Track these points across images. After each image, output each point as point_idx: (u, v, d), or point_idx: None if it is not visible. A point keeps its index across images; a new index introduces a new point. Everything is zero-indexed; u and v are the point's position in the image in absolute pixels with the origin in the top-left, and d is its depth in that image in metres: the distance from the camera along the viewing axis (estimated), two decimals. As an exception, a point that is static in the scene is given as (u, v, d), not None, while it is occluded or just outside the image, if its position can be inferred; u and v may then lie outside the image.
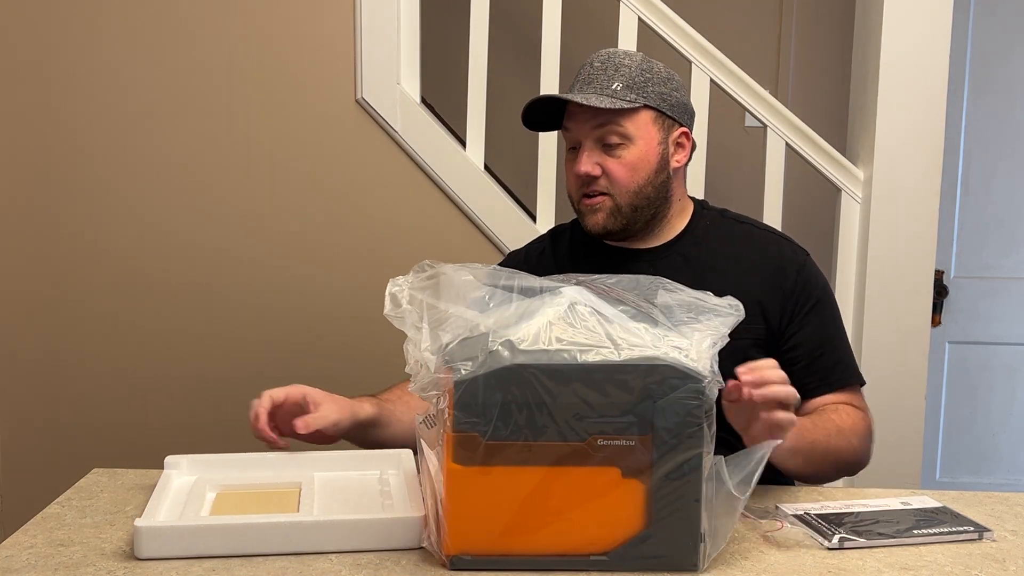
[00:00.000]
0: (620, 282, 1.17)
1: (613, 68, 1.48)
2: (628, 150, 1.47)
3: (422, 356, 1.05)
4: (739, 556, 1.11)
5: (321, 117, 2.33)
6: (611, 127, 1.46)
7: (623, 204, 1.49)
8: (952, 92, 2.83)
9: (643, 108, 1.47)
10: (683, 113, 1.52)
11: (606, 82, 1.46)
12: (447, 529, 1.05)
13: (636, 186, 1.48)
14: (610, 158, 1.48)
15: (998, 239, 3.11)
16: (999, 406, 3.18)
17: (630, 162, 1.48)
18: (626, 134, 1.46)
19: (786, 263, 1.53)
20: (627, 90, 1.46)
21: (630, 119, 1.46)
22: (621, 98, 1.45)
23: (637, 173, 1.48)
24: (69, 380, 2.40)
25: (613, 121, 1.46)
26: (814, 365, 1.50)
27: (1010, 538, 1.19)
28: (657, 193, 1.51)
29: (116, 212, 2.36)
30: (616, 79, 1.46)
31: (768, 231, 1.61)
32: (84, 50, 2.32)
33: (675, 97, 1.51)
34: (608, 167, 1.48)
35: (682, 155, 1.52)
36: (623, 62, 1.48)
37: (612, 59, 1.49)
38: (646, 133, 1.48)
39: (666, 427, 1.02)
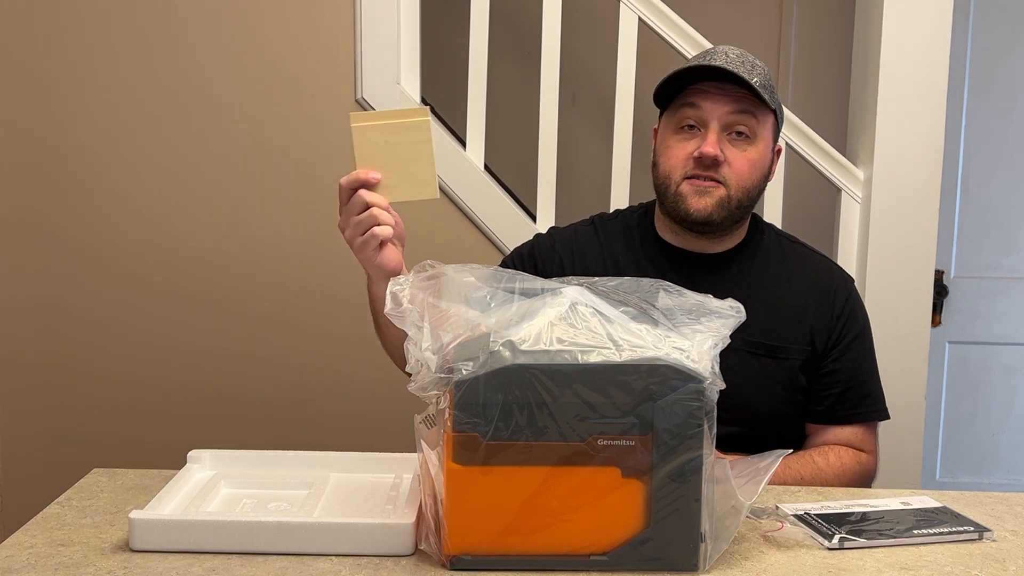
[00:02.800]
0: (621, 284, 1.17)
1: (750, 64, 1.45)
2: (753, 146, 1.46)
3: (423, 355, 1.05)
4: (739, 556, 1.11)
5: (321, 117, 2.33)
6: (747, 116, 1.44)
7: (734, 197, 1.46)
8: (952, 92, 2.83)
9: (772, 112, 1.48)
10: (780, 133, 1.55)
11: (748, 73, 1.43)
12: (447, 529, 1.05)
13: (750, 184, 1.47)
14: (735, 149, 1.46)
15: (998, 239, 3.11)
16: (999, 406, 3.18)
17: (752, 159, 1.47)
18: (755, 130, 1.46)
19: (836, 289, 1.55)
20: (763, 89, 1.44)
21: (763, 117, 1.46)
22: (765, 90, 1.45)
23: (754, 172, 1.47)
24: (69, 381, 2.40)
25: (750, 112, 1.44)
26: (846, 395, 1.53)
27: (1010, 538, 1.19)
28: (757, 197, 1.52)
29: (116, 213, 2.36)
30: (755, 74, 1.44)
31: (819, 254, 1.62)
32: (84, 50, 2.32)
33: (782, 115, 1.54)
34: (731, 157, 1.45)
35: (774, 167, 1.54)
36: (756, 61, 1.48)
37: (746, 56, 1.47)
38: (766, 135, 1.48)
39: (667, 428, 1.02)
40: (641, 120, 2.55)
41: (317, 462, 1.33)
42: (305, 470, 1.32)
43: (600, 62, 2.71)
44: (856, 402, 1.54)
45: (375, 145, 1.22)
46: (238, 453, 1.34)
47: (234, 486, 1.28)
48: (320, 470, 1.31)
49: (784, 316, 1.51)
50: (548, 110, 2.33)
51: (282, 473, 1.31)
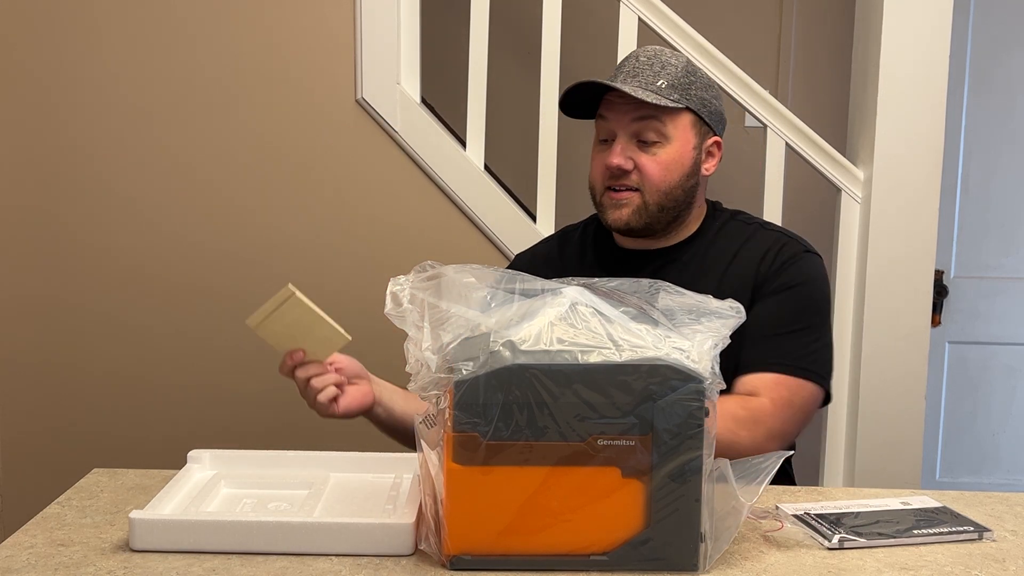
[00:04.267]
0: (621, 285, 1.17)
1: (660, 65, 1.47)
2: (664, 149, 1.47)
3: (423, 355, 1.05)
4: (739, 556, 1.11)
5: (321, 117, 2.33)
6: (651, 122, 1.46)
7: (650, 202, 1.49)
8: (952, 92, 2.83)
9: (685, 110, 1.47)
10: (719, 122, 1.53)
11: (652, 78, 1.46)
12: (447, 529, 1.05)
13: (667, 187, 1.48)
14: (644, 154, 1.47)
15: (998, 239, 3.11)
16: (999, 406, 3.18)
17: (664, 161, 1.47)
18: (664, 132, 1.46)
19: (774, 252, 1.51)
20: (671, 89, 1.45)
21: (671, 118, 1.46)
22: (666, 96, 1.45)
23: (669, 174, 1.48)
24: (69, 380, 2.40)
25: (654, 117, 1.45)
26: (758, 343, 1.43)
27: (1010, 538, 1.19)
28: (684, 197, 1.51)
29: (116, 213, 2.36)
30: (662, 76, 1.46)
31: (777, 231, 1.58)
32: (84, 50, 2.32)
33: (714, 105, 1.51)
34: (641, 163, 1.47)
35: (712, 163, 1.53)
36: (669, 60, 1.48)
37: (659, 56, 1.49)
38: (684, 135, 1.48)
39: (667, 428, 1.03)
40: (641, 120, 2.55)
41: (317, 462, 1.33)
42: (305, 470, 1.32)
43: (600, 62, 2.70)
44: (767, 351, 1.43)
45: (277, 332, 1.34)
46: (238, 453, 1.35)
47: (234, 486, 1.28)
48: (320, 470, 1.32)
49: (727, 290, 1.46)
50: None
51: (282, 473, 1.31)
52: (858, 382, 2.35)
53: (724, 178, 2.82)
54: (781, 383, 1.42)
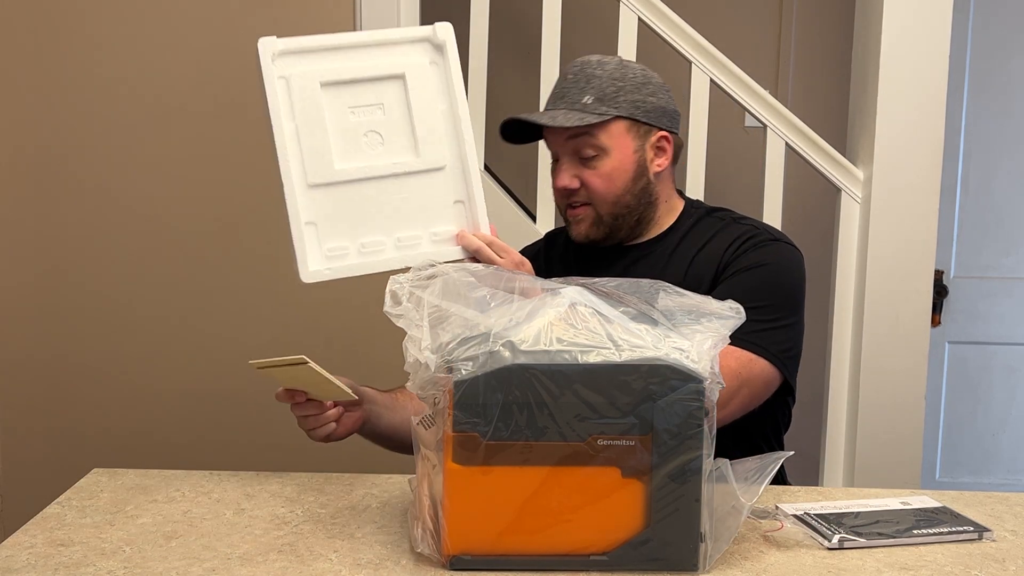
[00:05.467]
0: (621, 285, 1.17)
1: (585, 80, 1.48)
2: (603, 161, 1.48)
3: (422, 355, 1.05)
4: (739, 556, 1.11)
5: (321, 117, 2.33)
6: (584, 139, 1.47)
7: (604, 213, 1.52)
8: (952, 92, 2.83)
9: (614, 119, 1.47)
10: (661, 117, 1.51)
11: (577, 95, 1.48)
12: (447, 529, 1.05)
13: (614, 196, 1.50)
14: (587, 170, 1.49)
15: (998, 239, 3.11)
16: (999, 406, 3.18)
17: (606, 173, 1.49)
18: (600, 146, 1.47)
19: (741, 240, 1.50)
20: (598, 103, 1.46)
21: (602, 131, 1.47)
22: (592, 111, 1.46)
23: (614, 183, 1.49)
24: (69, 380, 2.40)
25: (586, 133, 1.47)
26: None
27: (1010, 538, 1.19)
28: (638, 200, 1.51)
29: (116, 213, 2.36)
30: (587, 91, 1.47)
31: (750, 224, 1.57)
32: (84, 50, 2.32)
33: (651, 102, 1.50)
34: (585, 178, 1.50)
35: (663, 159, 1.52)
36: (595, 72, 1.48)
37: (584, 70, 1.50)
38: (620, 143, 1.48)
39: (667, 428, 1.03)
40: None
41: None
42: None
43: (600, 62, 2.70)
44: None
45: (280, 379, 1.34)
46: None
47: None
48: None
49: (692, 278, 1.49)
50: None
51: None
52: (858, 382, 2.35)
53: (724, 178, 2.83)
54: (729, 353, 1.38)
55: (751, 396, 1.44)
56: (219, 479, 1.38)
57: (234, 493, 1.32)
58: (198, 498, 1.30)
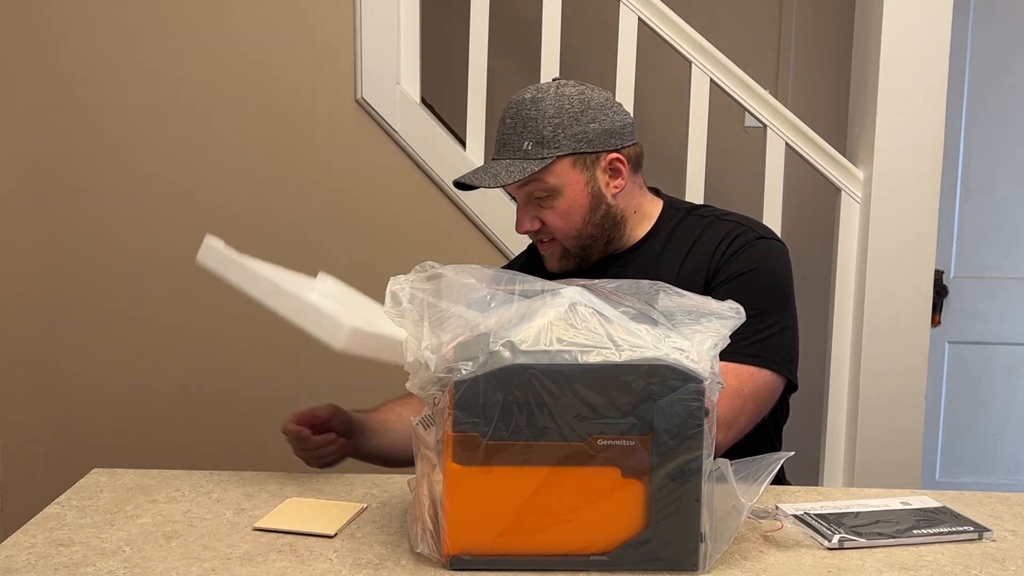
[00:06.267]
0: (620, 286, 1.17)
1: (522, 124, 1.46)
2: (558, 200, 1.47)
3: (422, 355, 1.05)
4: (739, 556, 1.11)
5: (321, 117, 2.33)
6: (533, 185, 1.46)
7: (569, 247, 1.52)
8: (952, 92, 2.83)
9: (557, 160, 1.45)
10: (607, 139, 1.47)
11: (517, 142, 1.46)
12: (447, 529, 1.05)
13: (575, 230, 1.49)
14: (544, 210, 1.49)
15: (998, 239, 3.11)
16: (999, 406, 3.18)
17: (562, 211, 1.48)
18: (550, 187, 1.46)
19: (726, 242, 1.49)
20: (538, 147, 1.44)
21: (548, 173, 1.45)
22: (533, 157, 1.44)
23: (572, 219, 1.49)
24: (69, 380, 2.40)
25: (533, 180, 1.46)
26: None
27: (1010, 538, 1.19)
28: (600, 228, 1.51)
29: (116, 213, 2.36)
30: (525, 137, 1.45)
31: (732, 220, 1.54)
32: (84, 50, 2.32)
33: (592, 129, 1.46)
34: (544, 218, 1.50)
35: (619, 180, 1.49)
36: (531, 114, 1.45)
37: (520, 112, 1.46)
38: (569, 180, 1.46)
39: (667, 428, 1.02)
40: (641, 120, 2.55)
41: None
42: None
43: (600, 62, 2.71)
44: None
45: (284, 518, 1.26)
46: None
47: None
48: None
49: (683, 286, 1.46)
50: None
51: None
52: (858, 382, 2.35)
53: (724, 178, 2.83)
54: (729, 371, 1.39)
55: (758, 409, 1.43)
56: (219, 479, 1.38)
57: (234, 493, 1.32)
58: (198, 498, 1.30)
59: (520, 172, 1.44)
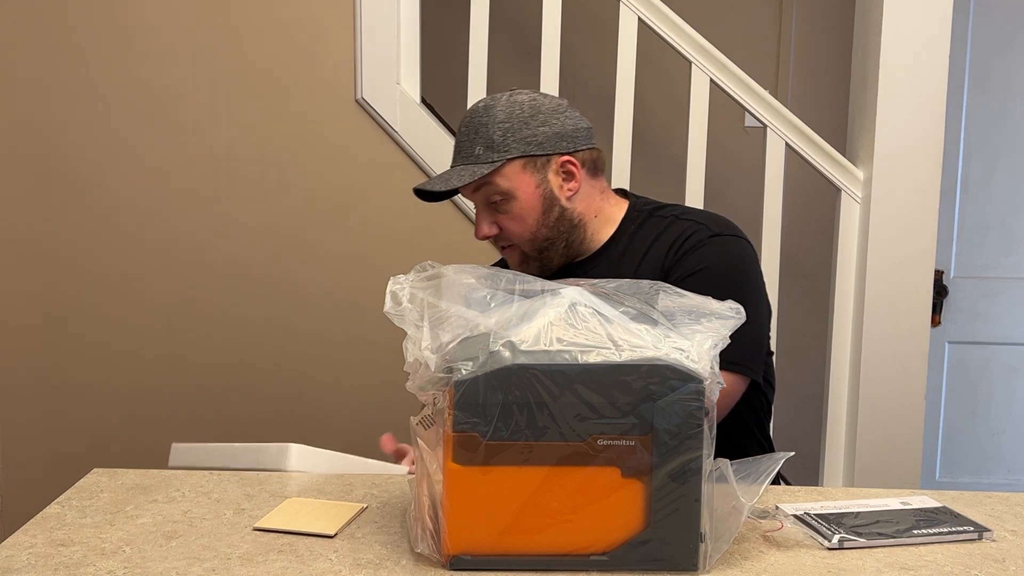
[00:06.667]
0: (620, 287, 1.17)
1: (474, 131, 1.48)
2: (511, 204, 1.49)
3: (422, 355, 1.05)
4: (739, 556, 1.11)
5: (321, 117, 2.34)
6: (486, 189, 1.48)
7: (527, 250, 1.53)
8: (952, 92, 2.83)
9: (507, 163, 1.46)
10: (558, 142, 1.48)
11: (469, 148, 1.49)
12: (447, 529, 1.05)
13: (530, 233, 1.50)
14: (500, 215, 1.50)
15: (998, 239, 3.11)
16: (999, 406, 3.18)
17: (516, 215, 1.49)
18: (502, 191, 1.47)
19: (679, 243, 1.48)
20: (488, 151, 1.46)
21: (499, 176, 1.47)
22: (484, 161, 1.46)
23: (526, 222, 1.50)
24: (69, 380, 2.40)
25: (487, 184, 1.47)
26: None
27: (1010, 538, 1.19)
28: (555, 230, 1.51)
29: (116, 213, 2.36)
30: (477, 143, 1.47)
31: (690, 219, 1.53)
32: (84, 50, 2.32)
33: (542, 132, 1.47)
34: (500, 223, 1.51)
35: (572, 182, 1.50)
36: (482, 121, 1.48)
37: (473, 120, 1.49)
38: (520, 183, 1.47)
39: (667, 428, 1.02)
40: (641, 120, 2.55)
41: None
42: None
43: (600, 62, 2.71)
44: None
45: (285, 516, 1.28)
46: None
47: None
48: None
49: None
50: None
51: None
52: (858, 382, 2.35)
53: (724, 178, 2.83)
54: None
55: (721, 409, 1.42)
56: (219, 479, 1.38)
57: (234, 493, 1.32)
58: (198, 498, 1.30)
59: (470, 175, 1.46)
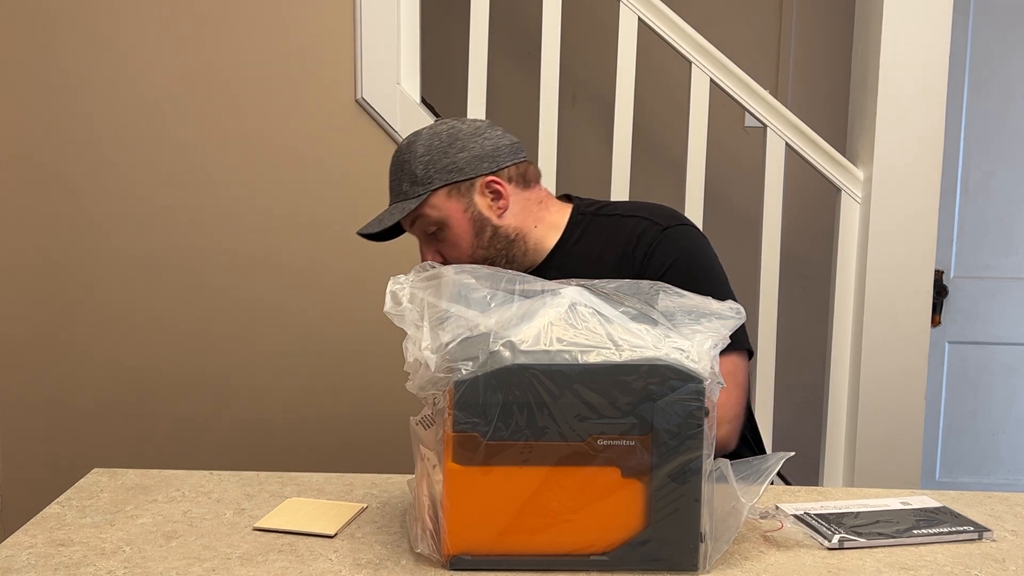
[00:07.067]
0: (620, 287, 1.17)
1: (399, 168, 1.52)
2: (447, 232, 1.51)
3: (422, 355, 1.05)
4: (739, 556, 1.11)
5: (321, 117, 2.33)
6: (420, 222, 1.51)
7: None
8: (952, 92, 2.83)
9: (431, 193, 1.49)
10: (479, 163, 1.50)
11: (398, 186, 1.52)
12: (447, 529, 1.05)
13: (467, 256, 1.52)
14: (439, 243, 1.53)
15: (998, 239, 3.11)
16: (999, 406, 3.18)
17: (453, 241, 1.52)
18: (435, 220, 1.50)
19: (635, 241, 1.50)
20: (414, 186, 1.49)
21: (428, 207, 1.49)
22: (411, 196, 1.50)
23: (461, 246, 1.52)
24: (69, 380, 2.40)
25: (418, 217, 1.50)
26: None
27: (1010, 538, 1.19)
28: (492, 248, 1.52)
29: (117, 212, 2.36)
30: (403, 180, 1.51)
31: (635, 216, 1.54)
32: (85, 50, 2.32)
33: (461, 158, 1.49)
34: (441, 251, 1.54)
35: (502, 200, 1.51)
36: (405, 158, 1.51)
37: (399, 158, 1.53)
38: (449, 210, 1.50)
39: (666, 428, 1.03)
40: (641, 120, 2.55)
41: None
42: None
43: (600, 62, 2.71)
44: None
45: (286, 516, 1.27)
46: None
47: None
48: None
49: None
50: (548, 110, 2.33)
51: None
52: (858, 382, 2.35)
53: (724, 178, 2.83)
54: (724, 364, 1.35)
55: (746, 393, 1.45)
56: (219, 479, 1.38)
57: (234, 493, 1.32)
58: (198, 498, 1.30)
59: (400, 212, 1.50)
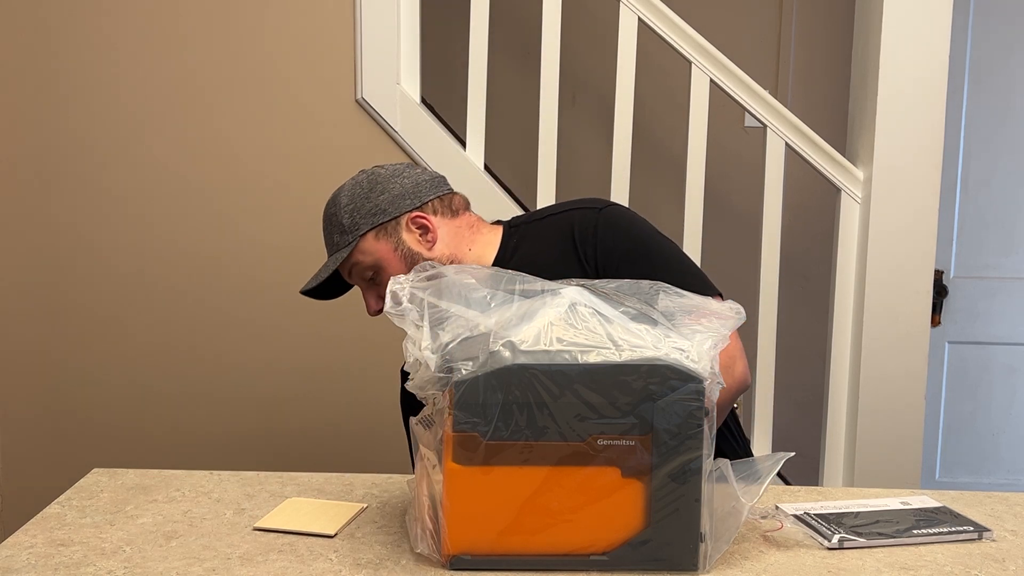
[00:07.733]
0: (620, 287, 1.17)
1: (328, 223, 1.56)
2: (382, 274, 1.52)
3: (422, 355, 1.05)
4: (739, 556, 1.11)
5: (321, 117, 2.33)
6: (356, 269, 1.53)
7: None
8: (952, 92, 2.83)
9: (359, 240, 1.51)
10: (400, 202, 1.52)
11: (330, 239, 1.56)
12: (447, 529, 1.05)
13: None
14: (379, 286, 1.54)
15: (998, 239, 3.11)
16: (999, 406, 3.18)
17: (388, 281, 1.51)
18: (369, 265, 1.52)
19: (573, 232, 1.50)
20: (343, 235, 1.53)
21: (359, 253, 1.52)
22: (341, 246, 1.53)
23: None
24: (69, 380, 2.40)
25: (352, 264, 1.53)
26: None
27: (1010, 538, 1.19)
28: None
29: (116, 213, 2.36)
30: (333, 232, 1.55)
31: (565, 211, 1.56)
32: (84, 50, 2.32)
33: (382, 200, 1.52)
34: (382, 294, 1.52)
35: (429, 233, 1.53)
36: (332, 212, 1.55)
37: (327, 212, 1.56)
38: (380, 252, 1.52)
39: (666, 428, 1.03)
40: (641, 120, 2.55)
41: None
42: None
43: (600, 62, 2.71)
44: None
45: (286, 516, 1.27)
46: None
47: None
48: None
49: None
50: (548, 110, 2.33)
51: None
52: (858, 382, 2.35)
53: (724, 178, 2.83)
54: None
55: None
56: (219, 479, 1.38)
57: (234, 493, 1.32)
58: (198, 498, 1.30)
59: (334, 263, 1.53)
